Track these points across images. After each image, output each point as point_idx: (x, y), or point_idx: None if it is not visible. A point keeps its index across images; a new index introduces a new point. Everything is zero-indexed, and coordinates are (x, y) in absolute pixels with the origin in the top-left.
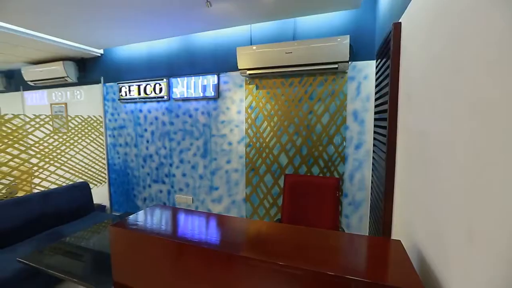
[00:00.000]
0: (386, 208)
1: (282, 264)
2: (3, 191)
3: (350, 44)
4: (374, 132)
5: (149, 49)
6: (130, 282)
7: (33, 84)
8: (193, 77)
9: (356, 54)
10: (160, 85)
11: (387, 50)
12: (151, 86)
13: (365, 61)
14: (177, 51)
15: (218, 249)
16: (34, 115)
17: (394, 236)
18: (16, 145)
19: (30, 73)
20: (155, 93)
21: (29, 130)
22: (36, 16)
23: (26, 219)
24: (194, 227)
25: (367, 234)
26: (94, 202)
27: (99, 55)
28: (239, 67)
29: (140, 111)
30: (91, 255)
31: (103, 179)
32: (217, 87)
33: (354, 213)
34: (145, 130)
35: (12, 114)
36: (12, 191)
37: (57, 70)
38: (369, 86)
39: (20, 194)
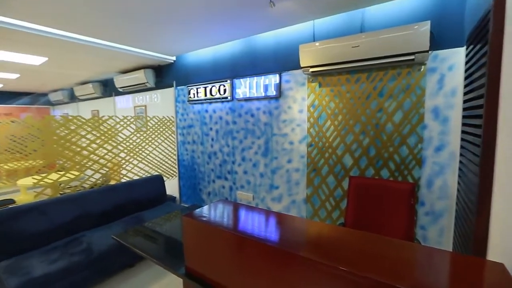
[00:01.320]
0: (479, 222)
1: (345, 270)
2: (101, 179)
3: (430, 31)
4: (463, 132)
5: (214, 53)
6: (199, 268)
7: (122, 90)
8: (255, 77)
9: (438, 41)
10: (224, 86)
11: (483, 34)
12: (216, 87)
13: (450, 49)
14: (240, 53)
15: (278, 246)
16: (123, 116)
17: (492, 256)
18: (110, 142)
19: (119, 81)
20: (220, 94)
21: (119, 129)
22: (125, 33)
23: (116, 203)
24: (256, 223)
25: (451, 251)
26: (167, 193)
27: (172, 61)
28: (301, 65)
29: (206, 111)
30: (164, 239)
31: (174, 173)
32: (278, 86)
33: (432, 225)
34: (210, 129)
35: (108, 116)
36: (106, 179)
37: (139, 77)
38: (456, 78)
39: (112, 182)
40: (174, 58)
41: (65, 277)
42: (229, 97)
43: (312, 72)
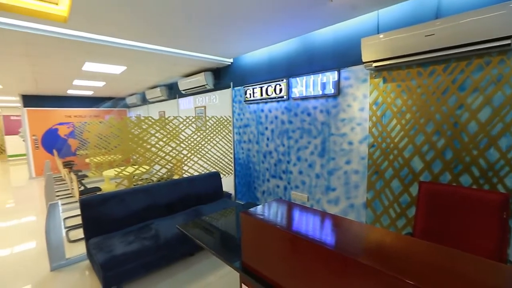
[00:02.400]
0: None
1: (412, 284)
2: (166, 174)
3: None
4: None
5: (269, 53)
6: (255, 264)
7: (184, 92)
8: (312, 76)
9: None
10: (280, 85)
11: None
12: (272, 87)
13: None
14: (296, 51)
15: (335, 250)
16: (185, 116)
17: None
18: (174, 140)
19: (183, 84)
20: (276, 93)
21: (182, 128)
22: (188, 39)
23: (179, 196)
24: (312, 224)
25: None
26: (223, 189)
27: (230, 63)
28: (363, 60)
29: (262, 111)
30: (220, 233)
31: (230, 171)
32: (337, 84)
33: None
34: (266, 128)
35: (173, 116)
36: (171, 174)
37: (199, 80)
38: None
39: (175, 177)
40: (231, 60)
41: (138, 258)
42: (285, 97)
43: (375, 67)
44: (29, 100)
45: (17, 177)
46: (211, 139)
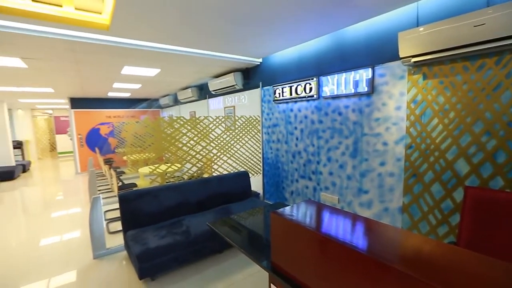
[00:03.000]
0: None
1: None
2: (197, 172)
3: None
4: None
5: (299, 51)
6: (284, 265)
7: (214, 93)
8: (344, 74)
9: None
10: (310, 84)
11: None
12: (301, 86)
13: None
14: (326, 49)
15: (369, 255)
16: (215, 116)
17: None
18: (204, 139)
19: (213, 85)
20: (305, 92)
21: (212, 128)
22: (218, 41)
23: (208, 194)
24: (344, 227)
25: None
26: (251, 189)
27: (259, 63)
28: (400, 56)
29: (291, 110)
30: (247, 232)
31: (259, 170)
32: (371, 82)
33: None
34: (295, 128)
35: (203, 116)
36: (201, 173)
37: (229, 80)
38: None
39: (205, 175)
40: (260, 60)
41: (170, 252)
42: (315, 96)
43: (414, 62)
44: (76, 102)
45: (65, 172)
46: (240, 139)
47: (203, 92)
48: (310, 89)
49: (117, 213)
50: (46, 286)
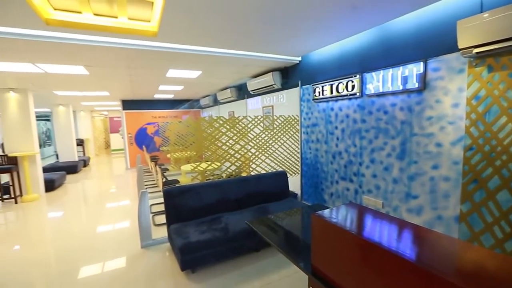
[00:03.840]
0: None
1: None
2: (235, 171)
3: None
4: None
5: (340, 48)
6: (325, 269)
7: (252, 93)
8: (390, 69)
9: None
10: (352, 82)
11: None
12: (343, 84)
13: None
14: (370, 44)
15: (421, 265)
16: (254, 116)
17: None
18: (243, 139)
19: (251, 85)
20: (347, 90)
21: (251, 128)
22: (257, 41)
23: (246, 193)
24: (391, 233)
25: None
26: (289, 189)
27: (298, 62)
28: (459, 47)
29: (332, 109)
30: (285, 233)
31: (297, 171)
32: (422, 77)
33: None
34: (336, 127)
35: (242, 116)
36: (239, 171)
37: (267, 80)
38: None
39: (243, 174)
40: (299, 58)
41: (209, 247)
42: (357, 94)
43: (477, 53)
44: (127, 104)
45: (117, 167)
46: (279, 138)
47: (241, 92)
48: (353, 87)
49: (161, 207)
50: (101, 269)
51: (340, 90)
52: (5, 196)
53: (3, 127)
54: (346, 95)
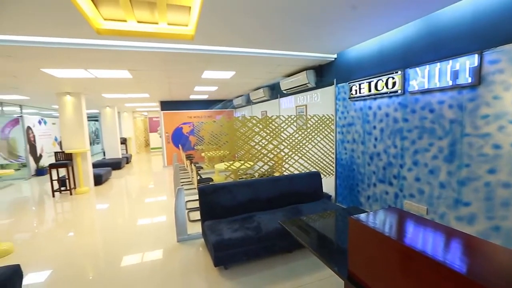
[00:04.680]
0: None
1: None
2: (268, 171)
3: None
4: None
5: (380, 42)
6: (364, 277)
7: (285, 92)
8: (437, 63)
9: None
10: (393, 78)
11: None
12: (382, 81)
13: None
14: (415, 37)
15: (469, 276)
16: (288, 115)
17: None
18: (276, 138)
19: (284, 84)
20: (387, 88)
21: (284, 127)
22: (291, 40)
23: (279, 193)
24: (440, 242)
25: None
26: (323, 190)
27: (333, 59)
28: None
29: (369, 108)
30: (317, 235)
31: (331, 172)
32: (477, 71)
33: None
34: (374, 127)
35: (275, 116)
36: (271, 171)
37: (301, 79)
38: None
39: (276, 174)
40: (335, 55)
41: (241, 245)
42: (399, 91)
43: None
44: (165, 105)
45: (155, 165)
46: (312, 138)
47: (274, 91)
48: (393, 83)
49: (196, 204)
50: (141, 258)
51: (379, 88)
52: (62, 188)
53: (61, 126)
54: (386, 93)
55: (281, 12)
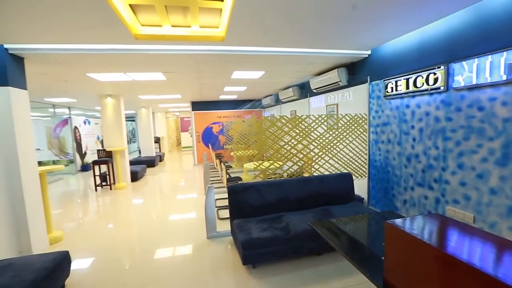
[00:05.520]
0: None
1: None
2: (297, 171)
3: None
4: None
5: (420, 36)
6: (399, 284)
7: (316, 91)
8: (489, 56)
9: None
10: (435, 74)
11: None
12: (422, 77)
13: None
14: (461, 28)
15: None
16: (318, 115)
17: None
18: (306, 138)
19: (314, 83)
20: (427, 84)
21: (314, 127)
22: (321, 37)
23: (309, 194)
24: (487, 252)
25: None
26: (355, 192)
27: (367, 56)
28: None
29: (407, 106)
30: (347, 238)
31: (364, 173)
32: None
33: None
34: (412, 127)
35: (306, 115)
36: (301, 171)
37: (332, 77)
38: None
39: (305, 175)
40: (368, 52)
41: (270, 245)
42: (441, 87)
43: None
44: (196, 105)
45: (186, 163)
46: (344, 138)
47: (304, 91)
48: (435, 80)
49: (225, 202)
50: (172, 253)
51: (418, 85)
52: (103, 183)
53: (102, 126)
54: (426, 90)
55: (313, 11)
